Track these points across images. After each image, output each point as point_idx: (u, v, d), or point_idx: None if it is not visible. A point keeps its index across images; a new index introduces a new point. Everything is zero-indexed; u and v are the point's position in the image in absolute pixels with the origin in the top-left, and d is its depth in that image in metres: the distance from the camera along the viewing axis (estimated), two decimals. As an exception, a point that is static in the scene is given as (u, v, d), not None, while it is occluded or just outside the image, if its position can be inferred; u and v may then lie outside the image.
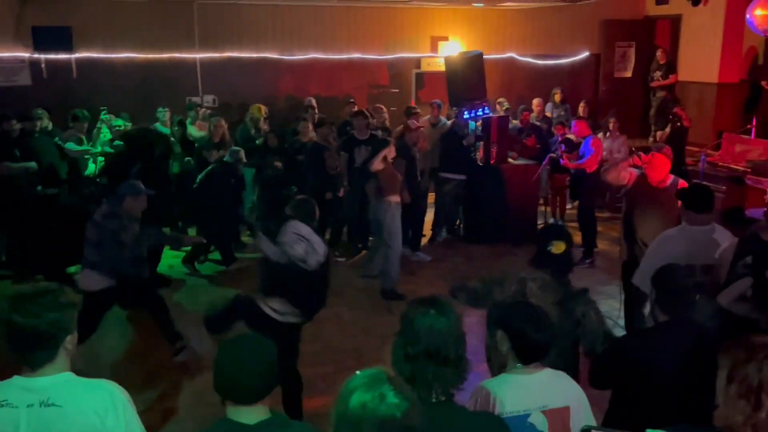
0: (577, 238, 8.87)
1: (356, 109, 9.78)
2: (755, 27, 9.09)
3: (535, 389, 2.67)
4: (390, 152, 7.34)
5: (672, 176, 5.61)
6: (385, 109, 10.19)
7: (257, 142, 9.36)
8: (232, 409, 2.22)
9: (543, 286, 3.39)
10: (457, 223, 9.66)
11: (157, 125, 9.61)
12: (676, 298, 3.16)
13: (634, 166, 6.58)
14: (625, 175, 5.89)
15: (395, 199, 7.38)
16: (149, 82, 10.71)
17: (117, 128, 9.23)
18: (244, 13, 11.28)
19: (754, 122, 10.10)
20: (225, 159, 8.24)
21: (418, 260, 8.55)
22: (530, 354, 2.69)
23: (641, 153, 7.82)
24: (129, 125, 9.31)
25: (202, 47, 11.09)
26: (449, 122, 9.90)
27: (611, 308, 6.04)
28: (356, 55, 11.95)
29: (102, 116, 9.38)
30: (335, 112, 10.81)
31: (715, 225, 4.34)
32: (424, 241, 9.21)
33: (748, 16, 9.03)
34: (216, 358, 2.23)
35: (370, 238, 8.50)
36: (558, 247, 3.50)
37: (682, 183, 5.43)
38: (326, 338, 6.34)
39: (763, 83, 10.80)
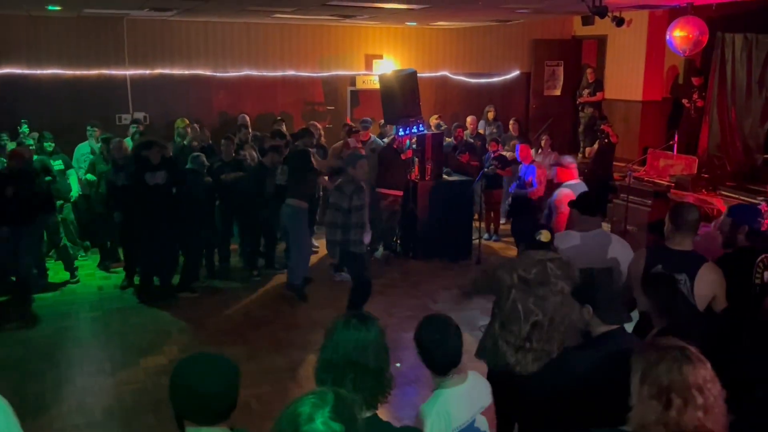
0: (513, 252, 9.05)
1: (284, 128, 9.83)
2: (675, 48, 9.47)
3: (471, 396, 2.81)
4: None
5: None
6: (320, 126, 10.19)
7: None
8: (191, 429, 2.15)
9: (561, 265, 3.78)
10: (395, 239, 9.69)
11: (88, 143, 9.38)
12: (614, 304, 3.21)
13: None
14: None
15: (296, 203, 7.79)
16: (77, 99, 10.44)
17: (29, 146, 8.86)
18: (175, 30, 11.13)
19: (676, 138, 10.52)
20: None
21: (341, 280, 8.38)
22: (442, 366, 2.80)
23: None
24: (51, 144, 8.95)
25: (132, 64, 10.88)
26: (386, 139, 9.97)
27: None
28: (290, 72, 11.93)
29: (22, 129, 9.09)
30: (270, 129, 10.73)
31: (601, 231, 4.53)
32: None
33: (668, 37, 9.40)
34: (174, 377, 2.14)
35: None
36: (546, 236, 3.95)
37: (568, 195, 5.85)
38: (261, 358, 6.27)
39: (684, 101, 11.27)
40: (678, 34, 9.18)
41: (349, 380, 2.30)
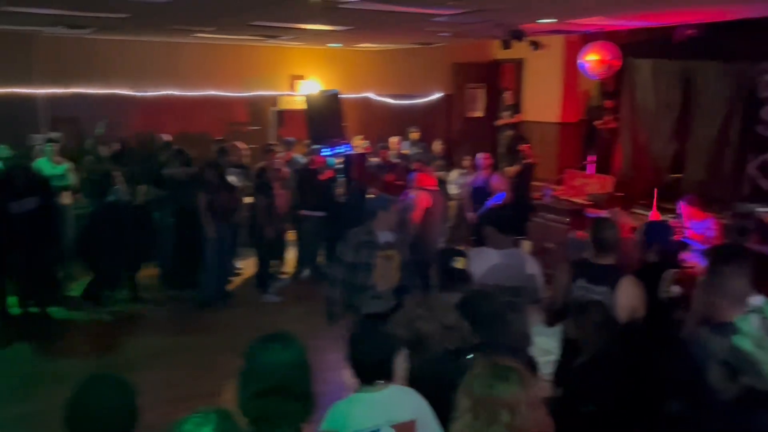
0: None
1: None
2: (588, 71, 9.86)
3: (381, 405, 2.76)
4: None
5: None
6: (243, 146, 10.07)
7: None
8: None
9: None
10: (322, 260, 9.63)
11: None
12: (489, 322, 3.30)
13: None
14: None
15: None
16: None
17: None
18: (92, 48, 10.80)
19: (591, 158, 10.92)
20: None
21: (266, 301, 8.38)
22: (368, 374, 2.80)
23: None
24: None
25: (45, 82, 10.48)
26: (305, 159, 9.90)
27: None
28: (213, 92, 11.77)
29: None
30: (190, 150, 10.53)
31: (514, 250, 4.64)
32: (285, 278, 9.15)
33: (581, 61, 9.79)
34: (72, 398, 2.06)
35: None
36: (461, 263, 3.98)
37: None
38: (181, 384, 6.08)
39: (598, 123, 11.72)
40: (591, 59, 9.57)
41: (277, 408, 2.25)
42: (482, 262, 4.44)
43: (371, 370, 2.78)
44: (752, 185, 9.30)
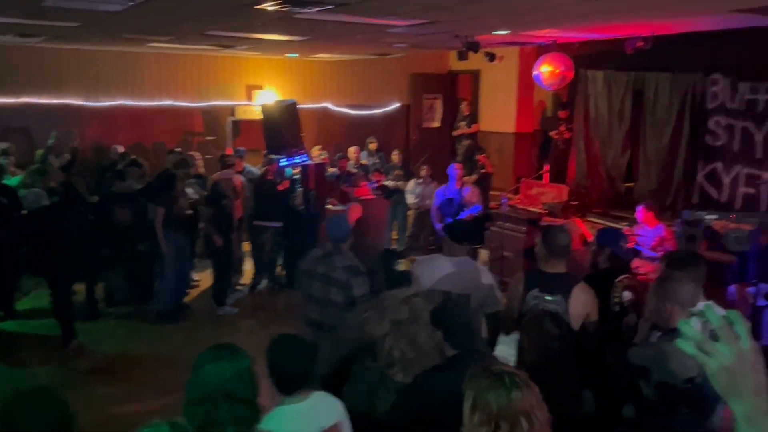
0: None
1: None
2: (542, 82, 10.02)
3: (309, 414, 2.81)
4: None
5: None
6: (199, 157, 9.97)
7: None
8: None
9: (425, 298, 3.70)
10: (279, 270, 9.56)
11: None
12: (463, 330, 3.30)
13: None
14: None
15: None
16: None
17: None
18: (43, 57, 10.59)
19: (546, 168, 11.09)
20: None
21: (223, 314, 8.27)
22: (287, 385, 2.85)
23: None
24: None
25: (-6, 91, 10.25)
26: (260, 169, 9.81)
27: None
28: (168, 102, 11.63)
29: None
30: (145, 160, 10.37)
31: (466, 259, 4.62)
32: (243, 290, 9.08)
33: (535, 72, 9.95)
34: (4, 411, 2.01)
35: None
36: (405, 265, 4.03)
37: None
38: (140, 398, 5.96)
39: (553, 133, 11.92)
40: (545, 70, 9.72)
41: (223, 413, 2.26)
42: (434, 270, 4.45)
43: (292, 381, 2.83)
44: (701, 193, 9.57)
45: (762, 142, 8.93)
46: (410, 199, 10.42)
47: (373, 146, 12.30)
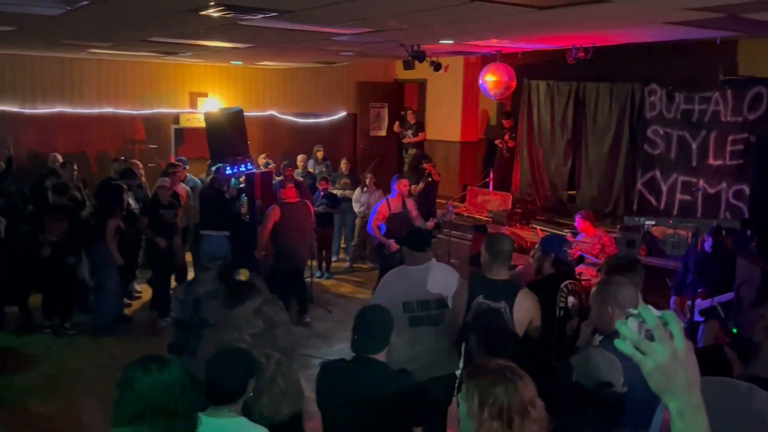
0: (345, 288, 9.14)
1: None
2: (487, 91, 10.16)
3: None
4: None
5: None
6: (140, 165, 9.77)
7: None
8: None
9: (272, 301, 3.82)
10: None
11: None
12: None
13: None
14: None
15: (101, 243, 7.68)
16: None
17: None
18: (-25, 62, 10.24)
19: (491, 176, 11.24)
20: None
21: (166, 325, 8.09)
22: (218, 397, 2.88)
23: None
24: None
25: None
26: (204, 177, 9.68)
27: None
28: (109, 110, 11.37)
29: None
30: (86, 169, 10.13)
31: (432, 262, 4.68)
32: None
33: (480, 81, 10.08)
34: None
35: None
36: (245, 275, 3.98)
37: None
38: (78, 414, 5.78)
39: (497, 142, 12.09)
40: (489, 79, 9.86)
41: (159, 429, 2.17)
42: (406, 280, 4.49)
43: (222, 395, 2.87)
44: (641, 200, 9.82)
45: (697, 150, 9.23)
46: (356, 207, 10.41)
47: (320, 154, 12.26)
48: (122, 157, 10.29)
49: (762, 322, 3.39)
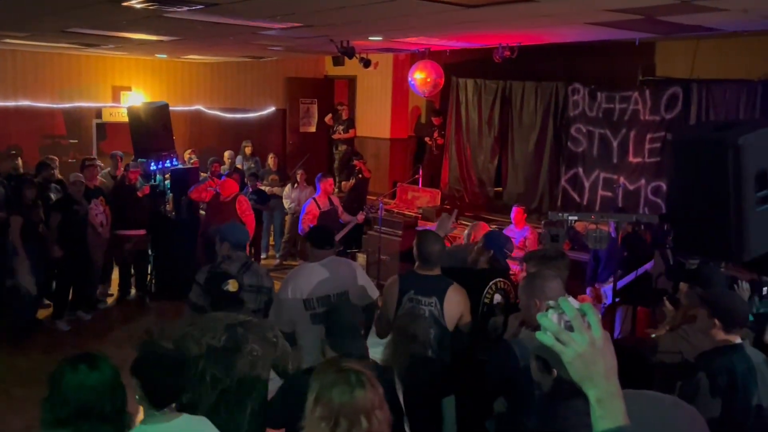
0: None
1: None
2: (416, 89, 10.24)
3: None
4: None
5: None
6: (57, 161, 9.39)
7: None
8: None
9: (252, 327, 3.53)
10: (149, 279, 9.17)
11: None
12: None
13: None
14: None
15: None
16: None
17: None
18: None
19: (420, 173, 11.34)
20: None
21: (65, 330, 7.80)
22: (161, 398, 2.67)
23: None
24: None
25: None
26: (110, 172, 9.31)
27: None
28: (25, 103, 10.89)
29: None
30: None
31: (333, 257, 4.63)
32: (111, 300, 8.64)
33: (409, 78, 10.15)
34: None
35: None
36: (234, 285, 3.73)
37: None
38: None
39: (426, 139, 12.20)
40: (418, 77, 9.95)
41: (84, 429, 2.10)
42: (307, 277, 4.42)
43: (165, 396, 2.66)
44: (564, 197, 10.10)
45: (618, 148, 9.55)
46: (286, 204, 10.32)
47: (248, 150, 12.10)
48: (14, 152, 9.88)
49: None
